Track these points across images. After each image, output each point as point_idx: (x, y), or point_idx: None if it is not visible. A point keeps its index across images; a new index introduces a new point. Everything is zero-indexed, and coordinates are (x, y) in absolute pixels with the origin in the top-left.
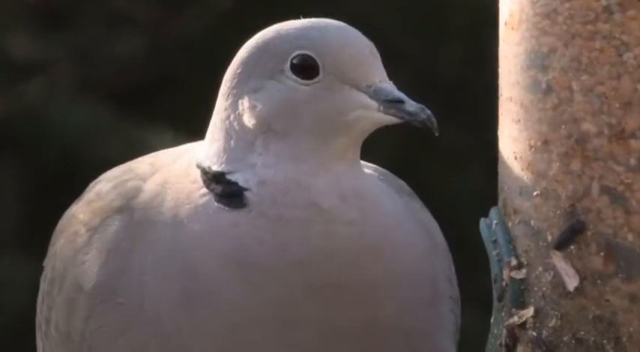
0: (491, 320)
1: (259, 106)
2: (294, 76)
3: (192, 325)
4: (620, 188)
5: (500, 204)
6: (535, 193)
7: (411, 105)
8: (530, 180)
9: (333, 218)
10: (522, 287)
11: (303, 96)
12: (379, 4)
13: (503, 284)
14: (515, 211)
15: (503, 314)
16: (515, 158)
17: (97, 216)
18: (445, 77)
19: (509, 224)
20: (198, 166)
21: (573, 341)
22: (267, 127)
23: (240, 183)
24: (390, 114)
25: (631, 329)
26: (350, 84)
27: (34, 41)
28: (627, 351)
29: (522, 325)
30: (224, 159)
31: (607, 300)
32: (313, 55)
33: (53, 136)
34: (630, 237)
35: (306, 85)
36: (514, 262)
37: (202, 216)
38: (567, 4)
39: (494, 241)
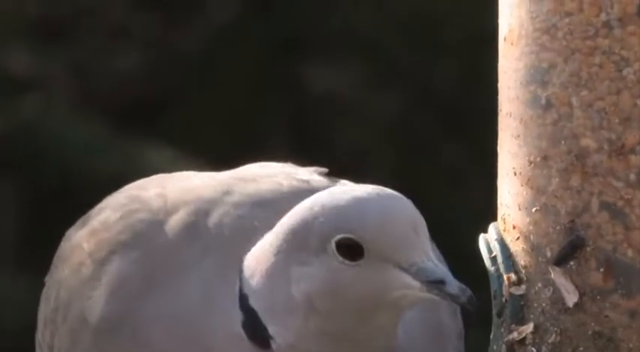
0: (491, 336)
1: (302, 285)
2: (339, 258)
3: None
4: (620, 203)
5: (499, 219)
6: (534, 209)
7: (452, 286)
8: (529, 196)
9: None
10: (522, 302)
11: (348, 277)
12: (378, 19)
13: (503, 300)
14: (515, 227)
15: (502, 330)
16: (515, 173)
17: (102, 248)
18: (444, 92)
19: (509, 240)
20: (242, 293)
21: None
22: (310, 305)
23: (271, 333)
24: (432, 293)
25: (630, 346)
26: (393, 263)
27: (31, 56)
28: None
29: (522, 341)
30: (265, 305)
31: (606, 316)
32: (355, 238)
33: (50, 152)
34: (630, 252)
35: (351, 266)
36: (513, 278)
37: (226, 333)
38: (567, 20)
39: (494, 257)
